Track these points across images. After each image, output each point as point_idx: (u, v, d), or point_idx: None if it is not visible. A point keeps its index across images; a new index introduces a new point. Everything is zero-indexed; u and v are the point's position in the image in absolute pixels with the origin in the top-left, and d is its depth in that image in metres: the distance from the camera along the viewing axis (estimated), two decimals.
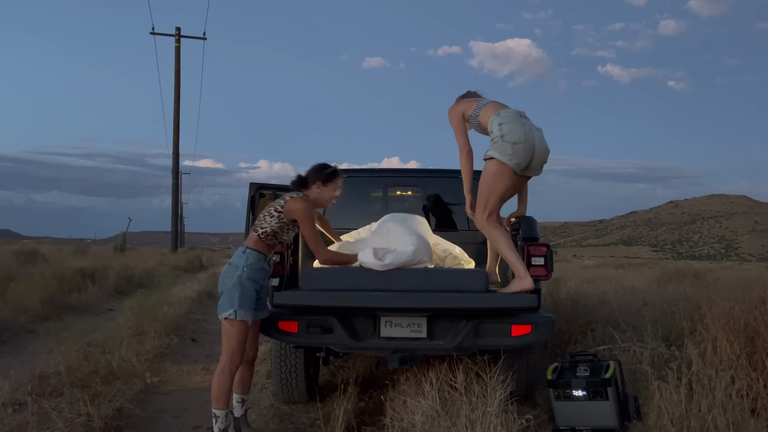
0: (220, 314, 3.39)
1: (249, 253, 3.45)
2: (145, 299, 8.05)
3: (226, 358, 3.37)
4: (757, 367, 3.75)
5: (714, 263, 39.02)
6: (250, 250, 3.46)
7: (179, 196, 28.72)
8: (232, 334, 3.36)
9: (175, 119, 25.75)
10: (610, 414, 3.58)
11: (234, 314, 3.34)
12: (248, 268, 3.40)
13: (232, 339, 3.36)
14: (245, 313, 3.36)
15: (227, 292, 3.38)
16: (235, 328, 3.35)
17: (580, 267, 22.21)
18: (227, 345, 3.38)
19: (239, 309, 3.34)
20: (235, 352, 3.38)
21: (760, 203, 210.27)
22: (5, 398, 4.00)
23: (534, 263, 3.75)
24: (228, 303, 3.36)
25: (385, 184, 5.61)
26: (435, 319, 3.67)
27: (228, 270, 3.44)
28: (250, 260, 3.43)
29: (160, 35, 26.22)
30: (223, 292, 3.42)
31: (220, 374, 3.37)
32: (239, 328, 3.36)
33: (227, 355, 3.38)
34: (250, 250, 3.46)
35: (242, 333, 3.38)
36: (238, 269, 3.40)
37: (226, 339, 3.39)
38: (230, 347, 3.37)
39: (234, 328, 3.35)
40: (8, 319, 7.30)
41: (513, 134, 3.71)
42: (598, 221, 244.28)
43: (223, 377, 3.37)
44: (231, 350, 3.37)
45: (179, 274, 17.05)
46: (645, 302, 6.63)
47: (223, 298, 3.40)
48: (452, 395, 3.35)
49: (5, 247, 17.89)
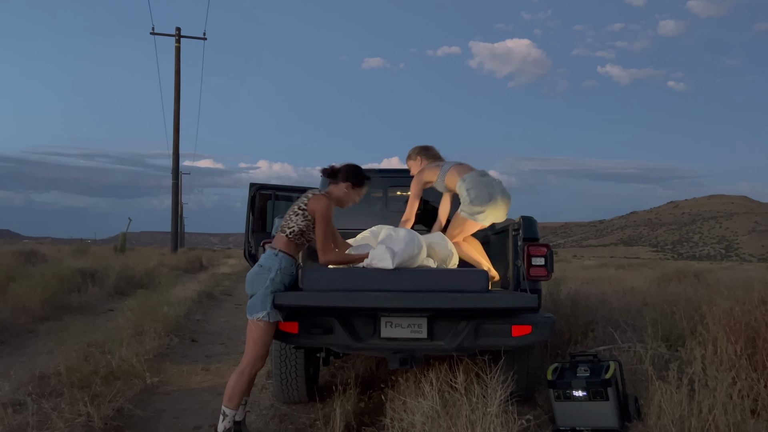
0: (252, 315, 3.37)
1: (282, 256, 3.45)
2: (145, 299, 8.05)
3: (251, 360, 3.37)
4: (758, 368, 3.75)
5: (714, 263, 39.00)
6: (283, 254, 3.46)
7: (179, 197, 28.71)
8: (261, 336, 3.36)
9: (175, 119, 25.75)
10: (610, 414, 3.58)
11: (267, 316, 3.34)
12: (281, 272, 3.42)
13: (259, 341, 3.36)
14: (277, 315, 3.39)
15: (260, 294, 3.36)
16: (265, 330, 3.36)
17: (581, 267, 22.21)
18: (253, 347, 3.37)
19: (272, 311, 3.35)
20: (260, 356, 3.39)
21: (760, 203, 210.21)
22: (5, 398, 4.00)
23: (534, 263, 3.75)
24: (261, 305, 3.35)
25: (385, 185, 5.60)
26: (435, 319, 3.66)
27: (260, 272, 3.42)
28: (284, 264, 3.44)
29: (160, 35, 26.26)
30: (253, 294, 3.40)
31: (240, 374, 3.37)
32: (269, 330, 3.38)
33: (252, 357, 3.37)
34: (282, 254, 3.46)
35: (271, 335, 3.40)
36: (272, 272, 3.39)
37: (252, 341, 3.37)
38: (257, 349, 3.37)
39: (265, 329, 3.36)
40: (8, 319, 7.30)
41: (480, 199, 4.22)
42: (598, 221, 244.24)
43: (243, 377, 3.37)
44: (257, 352, 3.37)
45: (179, 275, 17.04)
46: (645, 303, 6.64)
47: (255, 299, 3.38)
48: (452, 395, 3.34)
49: (5, 248, 17.89)
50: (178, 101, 25.75)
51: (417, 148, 4.76)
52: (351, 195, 3.70)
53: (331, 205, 3.54)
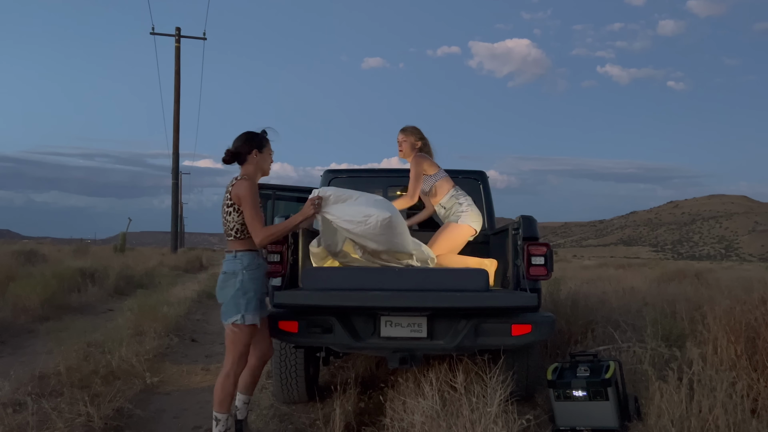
0: (226, 320, 3.32)
1: (242, 255, 3.38)
2: (145, 299, 8.05)
3: (232, 362, 3.33)
4: (758, 368, 3.75)
5: (714, 263, 38.99)
6: (242, 253, 3.39)
7: (179, 197, 28.71)
8: (240, 339, 3.32)
9: (175, 119, 25.74)
10: (610, 414, 3.57)
11: (242, 319, 3.29)
12: (247, 271, 3.36)
13: (239, 343, 3.32)
14: (253, 317, 3.33)
15: (231, 299, 3.31)
16: (243, 333, 3.32)
17: (580, 267, 22.21)
18: (233, 349, 3.33)
19: (246, 313, 3.30)
20: (241, 356, 3.35)
21: (760, 203, 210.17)
22: (5, 398, 4.00)
23: (534, 263, 3.75)
24: (234, 309, 3.30)
25: (385, 185, 5.60)
26: (435, 318, 3.66)
27: (225, 279, 3.37)
28: (246, 262, 3.37)
29: (160, 35, 26.26)
30: (224, 301, 3.35)
31: (226, 378, 3.32)
32: (248, 333, 3.33)
33: (233, 359, 3.33)
34: (241, 253, 3.38)
35: (250, 336, 3.36)
36: (237, 275, 3.34)
37: (231, 344, 3.33)
38: (237, 351, 3.33)
39: (243, 332, 3.31)
40: (8, 319, 7.30)
41: (474, 206, 4.66)
42: (598, 221, 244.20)
43: (229, 381, 3.32)
44: (238, 354, 3.33)
45: (179, 275, 17.05)
46: (645, 302, 6.63)
47: (227, 304, 3.33)
48: (452, 395, 3.34)
49: (5, 247, 17.88)
50: (178, 101, 25.75)
51: (420, 133, 4.79)
52: (263, 159, 3.51)
53: (252, 184, 3.39)
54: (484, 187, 5.54)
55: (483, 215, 5.50)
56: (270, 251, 3.78)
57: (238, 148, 3.47)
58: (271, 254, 3.79)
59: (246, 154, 3.47)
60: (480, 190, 5.47)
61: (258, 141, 3.50)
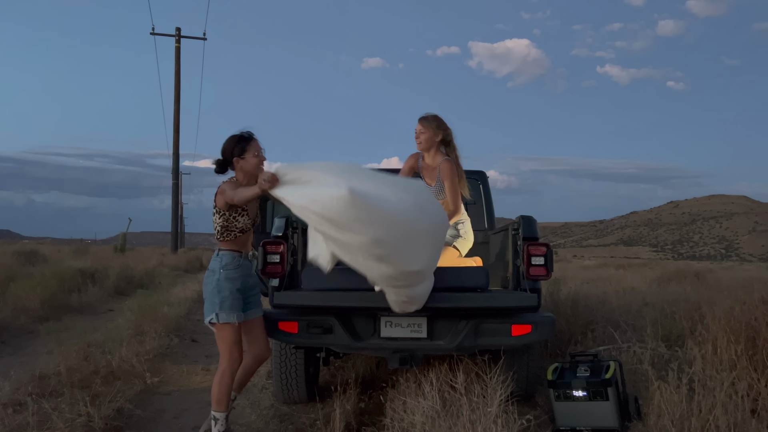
0: (205, 320, 3.43)
1: (222, 254, 3.47)
2: (145, 300, 8.05)
3: (226, 361, 3.40)
4: (758, 368, 3.75)
5: (714, 263, 39.01)
6: (223, 252, 3.47)
7: (179, 197, 28.72)
8: (222, 337, 3.40)
9: (175, 119, 25.75)
10: (610, 414, 3.58)
11: (216, 317, 3.37)
12: (224, 269, 3.43)
13: (228, 340, 3.40)
14: (227, 316, 3.38)
15: (208, 297, 3.42)
16: (223, 332, 3.39)
17: (581, 267, 22.22)
18: (225, 348, 3.41)
19: (220, 312, 3.37)
20: (232, 353, 3.40)
21: (760, 203, 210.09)
22: (5, 399, 4.00)
23: (534, 263, 3.75)
24: (210, 308, 3.40)
25: None
26: (435, 318, 3.66)
27: (207, 276, 3.47)
28: (225, 261, 3.44)
29: (160, 35, 26.27)
30: (205, 298, 3.45)
31: (222, 376, 3.39)
32: (228, 331, 3.39)
33: (226, 358, 3.40)
34: (223, 252, 3.47)
35: (232, 334, 3.40)
36: (215, 273, 3.42)
37: (221, 342, 3.42)
38: (226, 350, 3.40)
39: (222, 331, 3.39)
40: (8, 319, 7.29)
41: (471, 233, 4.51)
42: (598, 221, 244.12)
43: (225, 380, 3.39)
44: (228, 352, 3.40)
45: (179, 275, 17.05)
46: (645, 302, 6.63)
47: (206, 303, 3.44)
48: (452, 395, 3.34)
49: (5, 248, 17.90)
50: (178, 101, 25.76)
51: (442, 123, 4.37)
52: (248, 163, 3.45)
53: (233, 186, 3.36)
54: (484, 187, 5.54)
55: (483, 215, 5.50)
56: (270, 252, 3.79)
57: (224, 158, 3.51)
58: (271, 255, 3.79)
59: (231, 161, 3.50)
60: (480, 190, 5.47)
61: (239, 147, 3.45)
